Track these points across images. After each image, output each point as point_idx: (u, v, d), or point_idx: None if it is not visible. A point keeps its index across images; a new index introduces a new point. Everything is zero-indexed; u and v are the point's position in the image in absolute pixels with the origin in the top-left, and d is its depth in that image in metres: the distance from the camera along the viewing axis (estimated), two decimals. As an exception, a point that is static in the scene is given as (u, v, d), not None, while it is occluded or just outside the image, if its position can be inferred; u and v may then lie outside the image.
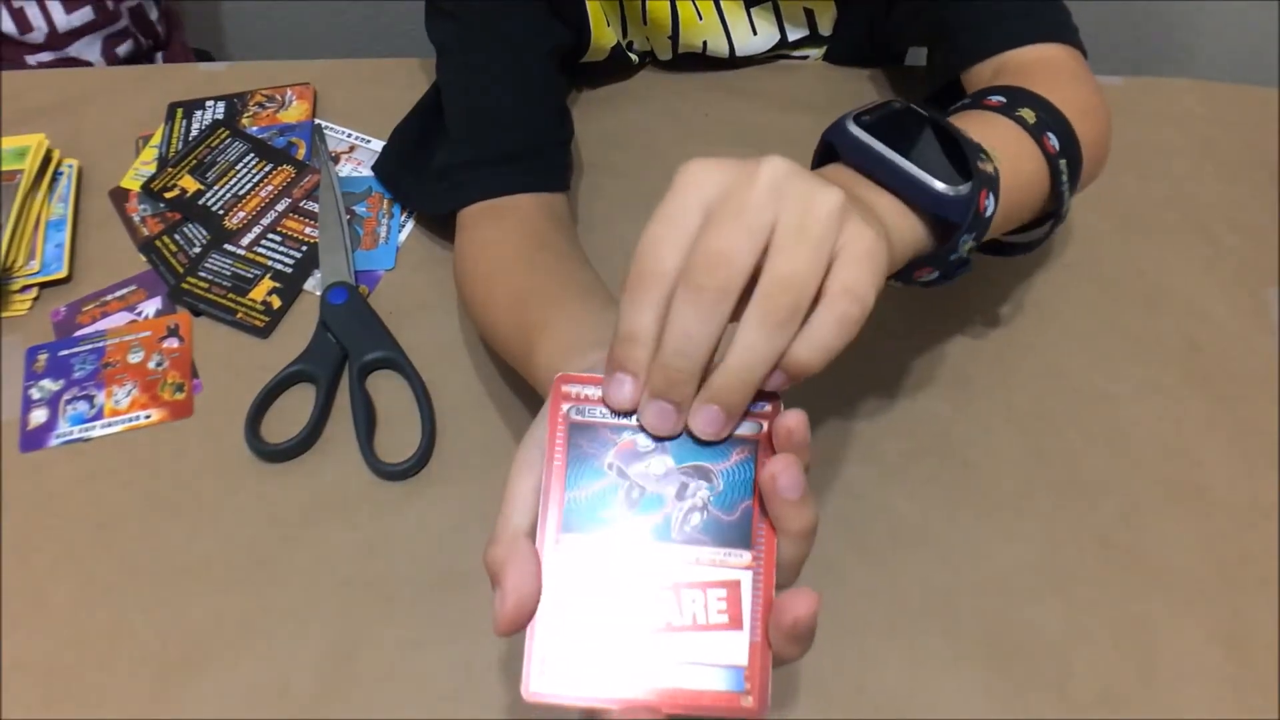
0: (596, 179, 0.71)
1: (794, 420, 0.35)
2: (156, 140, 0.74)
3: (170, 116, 0.75)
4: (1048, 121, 0.50)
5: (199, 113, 0.75)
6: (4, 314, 0.65)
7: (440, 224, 0.68)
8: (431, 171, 0.65)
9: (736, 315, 0.34)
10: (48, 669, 0.52)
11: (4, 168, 0.69)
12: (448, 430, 0.60)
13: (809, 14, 0.75)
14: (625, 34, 0.74)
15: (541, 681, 0.34)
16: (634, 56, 0.76)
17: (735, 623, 0.35)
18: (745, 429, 0.36)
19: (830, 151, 0.46)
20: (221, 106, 0.76)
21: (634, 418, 0.36)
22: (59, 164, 0.72)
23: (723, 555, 0.35)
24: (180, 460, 0.59)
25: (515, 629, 0.34)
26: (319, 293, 0.65)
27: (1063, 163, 0.51)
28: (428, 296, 0.66)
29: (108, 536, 0.56)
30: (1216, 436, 0.60)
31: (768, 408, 0.36)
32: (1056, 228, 0.55)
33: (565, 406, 0.36)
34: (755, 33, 0.75)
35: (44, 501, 0.57)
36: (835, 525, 0.56)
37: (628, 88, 0.77)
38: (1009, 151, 0.48)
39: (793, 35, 0.76)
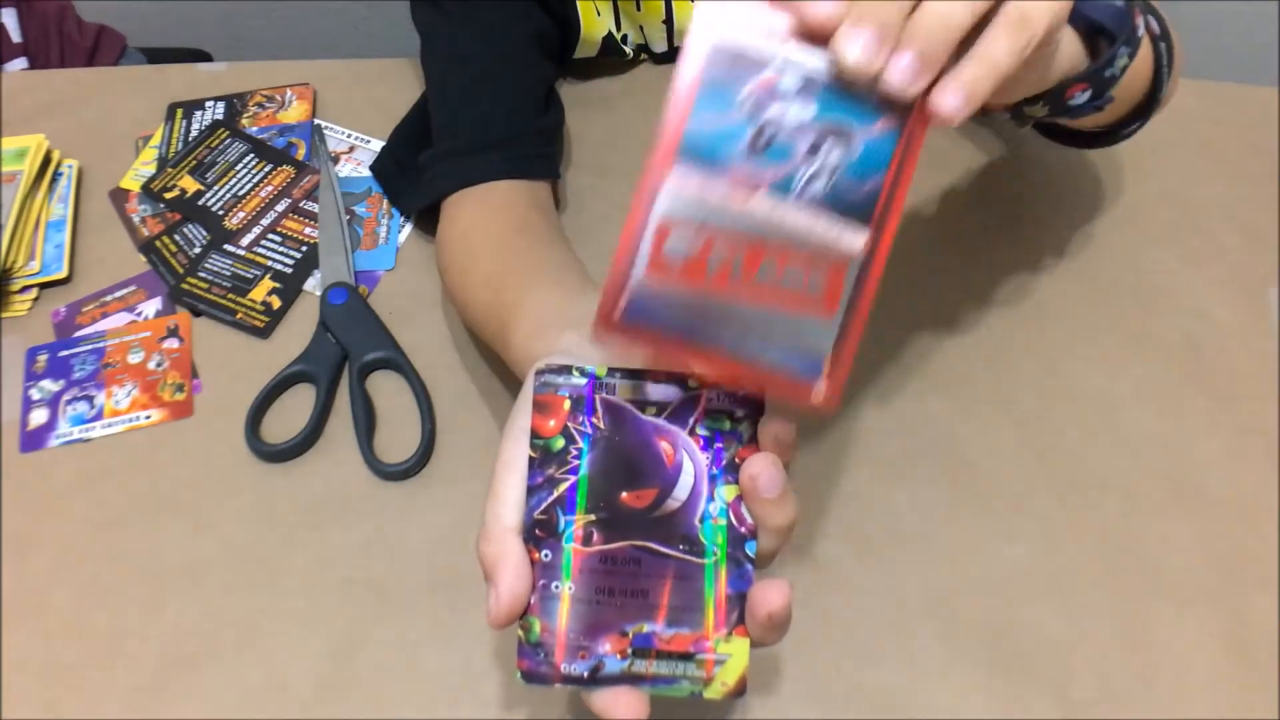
0: (596, 179, 0.71)
1: (780, 428, 0.37)
2: (156, 140, 0.74)
3: (170, 116, 0.75)
4: (1143, 7, 0.51)
5: (199, 113, 0.75)
6: (4, 314, 0.65)
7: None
8: (418, 170, 0.65)
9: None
10: (48, 669, 0.52)
11: (4, 168, 0.69)
12: (448, 430, 0.60)
13: None
14: (619, 27, 0.74)
15: (627, 315, 0.33)
16: (628, 50, 0.76)
17: (831, 305, 0.32)
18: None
19: None
20: (221, 107, 0.76)
21: (788, 51, 0.31)
22: (59, 164, 0.72)
23: (839, 230, 0.32)
24: (180, 460, 0.59)
25: (508, 625, 0.37)
26: (319, 293, 0.65)
27: (1163, 46, 0.52)
28: (428, 296, 0.66)
29: (108, 536, 0.56)
30: (1216, 436, 0.60)
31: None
32: (1150, 117, 0.56)
33: (716, 23, 0.31)
34: None
35: (44, 501, 0.57)
36: (835, 525, 0.56)
37: (626, 87, 0.77)
38: None
39: None
